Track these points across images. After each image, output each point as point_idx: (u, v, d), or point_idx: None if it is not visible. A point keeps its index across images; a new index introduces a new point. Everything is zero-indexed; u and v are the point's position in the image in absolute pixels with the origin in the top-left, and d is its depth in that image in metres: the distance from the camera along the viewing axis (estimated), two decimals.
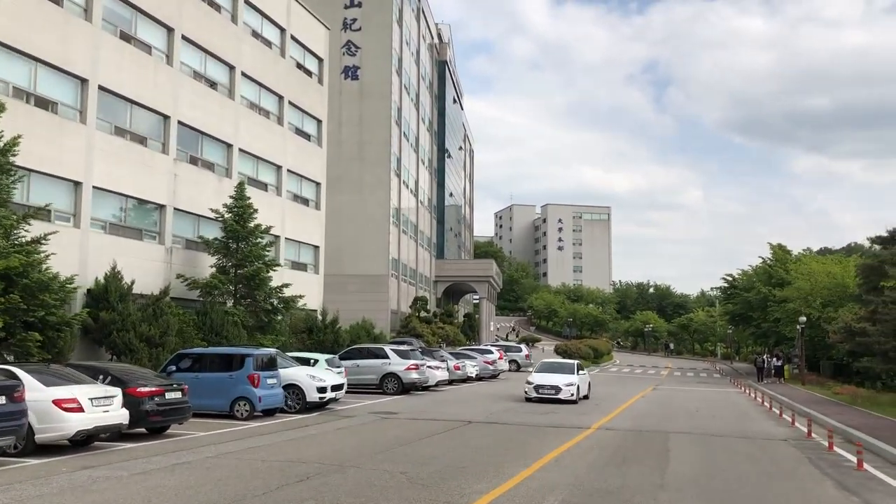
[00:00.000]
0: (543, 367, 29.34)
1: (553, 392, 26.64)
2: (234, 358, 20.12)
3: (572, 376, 27.68)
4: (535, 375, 28.06)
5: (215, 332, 27.93)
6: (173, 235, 30.40)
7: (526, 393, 27.12)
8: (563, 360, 31.39)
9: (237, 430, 17.71)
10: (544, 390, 26.74)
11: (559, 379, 27.30)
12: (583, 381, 28.78)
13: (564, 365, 29.51)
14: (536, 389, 26.85)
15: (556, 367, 29.15)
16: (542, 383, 27.01)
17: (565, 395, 26.66)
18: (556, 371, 28.41)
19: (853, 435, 18.77)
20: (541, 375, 27.88)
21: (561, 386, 26.81)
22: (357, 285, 55.59)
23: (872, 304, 32.10)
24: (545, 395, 26.70)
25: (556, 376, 27.56)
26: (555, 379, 27.29)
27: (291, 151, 39.33)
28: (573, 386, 27.05)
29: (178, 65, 30.73)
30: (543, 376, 27.66)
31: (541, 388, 26.83)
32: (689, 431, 20.05)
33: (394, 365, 28.84)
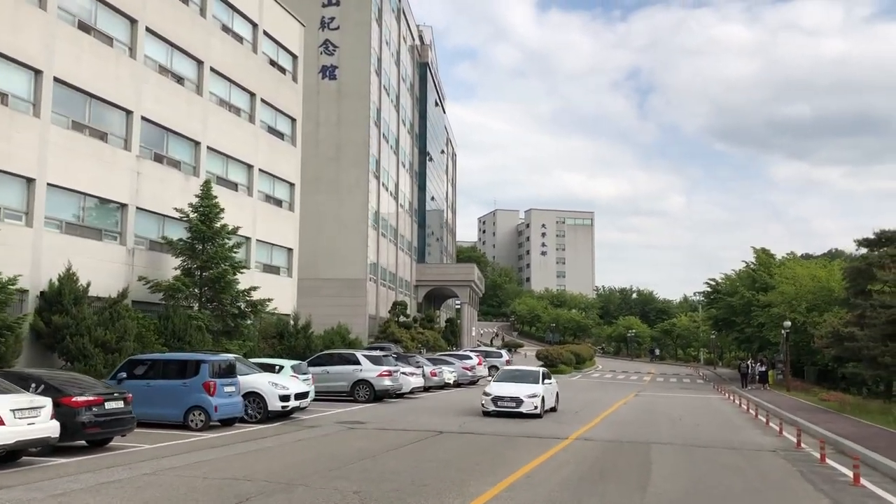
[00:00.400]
0: (504, 376, 25.83)
1: (513, 405, 23.29)
2: (189, 364, 18.85)
3: (536, 386, 24.25)
4: (493, 385, 24.65)
5: (178, 338, 26.65)
6: (136, 236, 29.09)
7: (483, 406, 23.84)
8: (526, 368, 27.46)
9: (187, 441, 16.44)
10: (503, 403, 23.41)
11: (521, 389, 23.82)
12: (549, 392, 25.26)
13: (528, 373, 25.80)
14: (495, 402, 23.54)
15: (519, 376, 25.46)
16: (501, 395, 23.63)
17: (527, 407, 23.31)
18: (518, 380, 24.86)
19: (845, 446, 17.75)
20: (500, 385, 24.42)
21: (522, 398, 23.38)
22: (334, 289, 54.30)
23: (860, 308, 31.18)
24: (504, 408, 23.35)
25: (517, 386, 24.09)
26: (516, 389, 23.82)
27: (264, 150, 38.06)
28: (536, 397, 23.62)
29: (141, 58, 29.43)
30: (503, 386, 24.23)
31: (499, 400, 23.51)
32: (672, 442, 18.96)
33: (365, 371, 27.60)
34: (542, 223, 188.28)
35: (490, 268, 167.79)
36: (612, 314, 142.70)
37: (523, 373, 25.96)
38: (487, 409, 23.54)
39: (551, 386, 26.00)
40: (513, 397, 23.43)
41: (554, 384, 26.66)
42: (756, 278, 58.73)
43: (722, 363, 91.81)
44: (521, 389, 23.80)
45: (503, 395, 23.57)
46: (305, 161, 53.87)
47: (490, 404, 23.57)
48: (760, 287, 56.54)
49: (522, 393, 23.57)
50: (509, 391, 23.73)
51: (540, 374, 25.47)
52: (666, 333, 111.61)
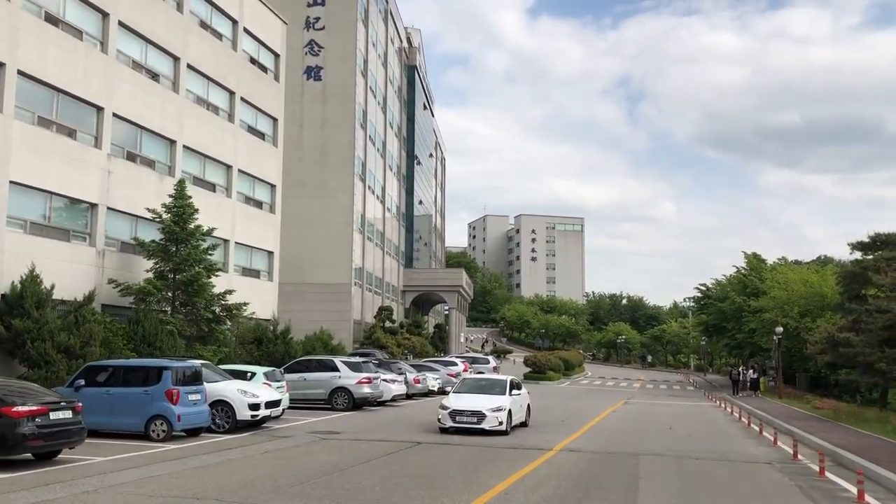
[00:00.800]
0: (465, 387, 22.63)
1: (475, 420, 20.19)
2: (150, 371, 17.76)
3: (501, 398, 21.06)
4: (451, 397, 21.50)
5: (148, 343, 25.53)
6: (107, 237, 27.98)
7: (440, 421, 20.64)
8: (491, 377, 24.70)
9: (145, 454, 15.36)
10: (463, 418, 20.30)
11: (483, 402, 20.73)
12: (517, 404, 22.02)
13: (493, 383, 22.68)
14: (452, 417, 20.43)
15: (482, 386, 22.31)
16: (460, 408, 20.51)
17: (490, 423, 20.19)
18: (481, 391, 21.77)
19: (845, 458, 16.81)
20: (460, 398, 21.28)
21: (485, 412, 20.25)
22: (318, 294, 53.23)
23: (855, 313, 30.30)
24: (464, 423, 20.27)
25: (479, 398, 21.01)
26: (477, 402, 20.71)
27: (243, 150, 36.98)
28: (501, 411, 20.45)
29: (114, 53, 28.36)
30: (463, 398, 21.16)
31: (458, 414, 20.40)
32: (662, 453, 17.97)
33: (344, 378, 26.53)
34: (532, 229, 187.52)
35: (480, 273, 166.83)
36: (601, 320, 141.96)
37: (488, 382, 22.93)
38: (444, 425, 20.50)
39: (520, 397, 22.66)
40: (473, 411, 20.32)
41: (524, 395, 23.33)
42: (747, 283, 57.92)
43: (712, 370, 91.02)
44: (484, 402, 20.74)
45: (462, 408, 20.49)
46: (289, 163, 52.84)
47: (447, 419, 20.51)
48: (752, 292, 55.72)
49: (485, 406, 20.48)
50: (470, 404, 20.63)
51: (507, 383, 22.21)
52: (656, 340, 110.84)
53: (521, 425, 22.48)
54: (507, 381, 22.51)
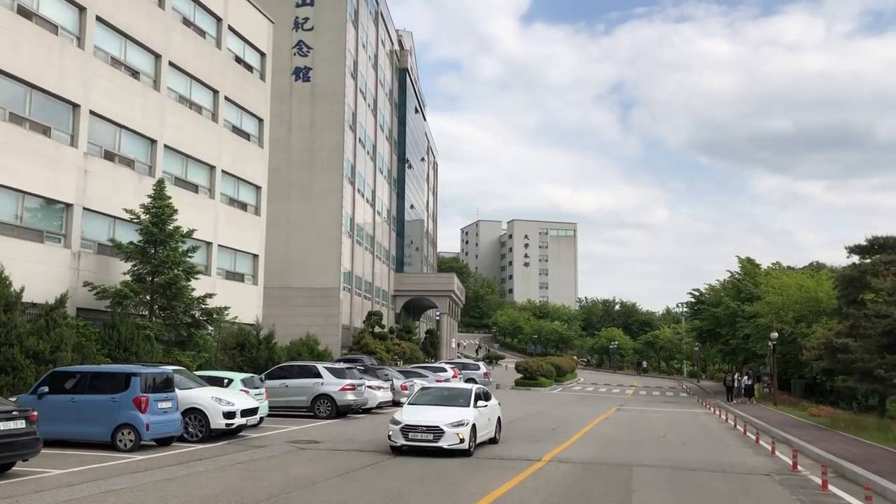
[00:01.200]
0: (422, 397, 19.51)
1: (430, 438, 16.95)
2: (118, 378, 16.86)
3: (464, 411, 17.81)
4: (405, 410, 18.31)
5: (124, 348, 24.65)
6: (83, 238, 27.11)
7: (390, 438, 17.33)
8: (455, 386, 21.35)
9: (108, 465, 14.47)
10: (417, 434, 17.06)
11: (442, 416, 17.46)
12: (484, 418, 18.79)
13: (456, 393, 19.37)
14: (405, 433, 17.15)
15: (444, 397, 19.18)
16: (413, 423, 17.23)
17: (450, 441, 16.92)
18: (441, 402, 18.64)
19: (847, 469, 16.00)
20: (414, 411, 18.08)
21: (443, 427, 16.97)
22: (306, 299, 52.37)
23: (853, 318, 29.55)
24: (418, 442, 17.04)
25: (437, 411, 17.81)
26: (436, 416, 17.48)
27: (227, 151, 36.12)
28: (463, 426, 17.14)
29: (90, 48, 27.52)
30: (418, 412, 17.95)
31: (411, 430, 17.12)
32: (656, 464, 17.14)
33: (327, 385, 25.62)
34: (525, 234, 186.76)
35: (472, 279, 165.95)
36: (594, 326, 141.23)
37: (449, 392, 19.63)
38: (395, 444, 17.20)
39: (488, 409, 19.37)
40: (429, 427, 17.04)
41: (493, 407, 20.05)
42: (741, 288, 57.22)
43: (705, 376, 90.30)
44: (443, 416, 17.46)
45: (416, 423, 17.19)
46: (277, 166, 52.08)
47: (398, 437, 17.18)
48: (746, 297, 55.02)
49: (444, 420, 17.21)
50: (426, 418, 17.35)
51: (471, 393, 18.90)
52: (649, 345, 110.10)
53: (490, 441, 19.46)
54: (472, 390, 19.27)
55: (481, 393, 19.62)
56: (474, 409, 18.17)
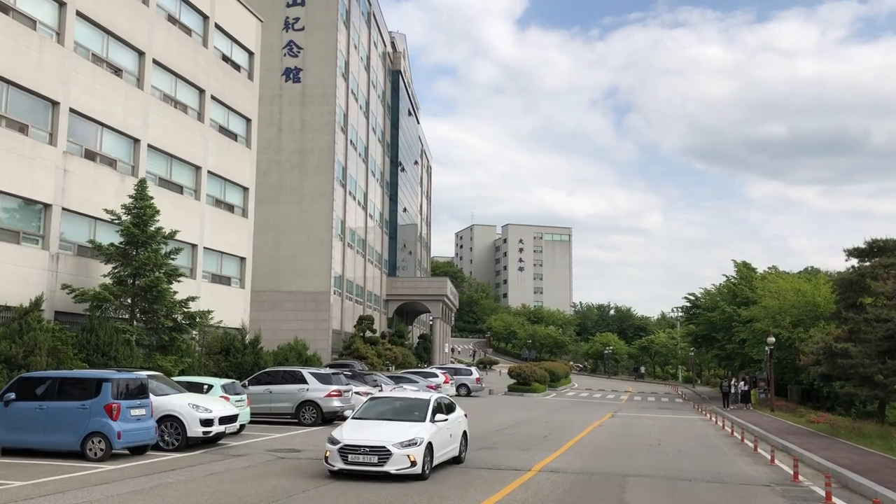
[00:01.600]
0: (371, 410, 16.22)
1: (374, 460, 14.07)
2: (88, 383, 16.10)
3: (418, 426, 14.91)
4: (346, 426, 15.21)
5: (102, 353, 23.84)
6: (62, 240, 26.29)
7: (327, 460, 14.45)
8: (409, 396, 17.51)
9: (74, 476, 13.71)
10: (358, 457, 14.14)
11: (391, 433, 14.56)
12: (444, 434, 15.76)
13: (411, 404, 16.17)
14: (344, 455, 14.23)
15: (396, 409, 16.09)
16: (354, 443, 14.28)
17: (398, 464, 14.04)
18: (392, 416, 15.69)
19: (851, 480, 15.29)
20: (357, 427, 15.07)
21: (391, 447, 14.09)
22: (296, 303, 51.60)
23: (852, 323, 28.88)
24: (360, 465, 14.15)
25: (386, 427, 14.93)
26: (382, 433, 14.59)
27: (214, 151, 35.34)
28: (416, 446, 14.24)
29: (70, 44, 26.73)
30: (363, 428, 14.98)
31: (351, 451, 14.19)
32: (651, 474, 16.41)
33: (312, 391, 24.85)
34: (520, 238, 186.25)
35: (467, 283, 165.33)
36: (589, 331, 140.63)
37: (403, 404, 16.32)
38: (333, 467, 14.32)
39: (450, 423, 16.16)
40: (374, 447, 14.13)
41: (457, 420, 16.90)
42: (737, 292, 56.59)
43: (701, 381, 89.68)
44: (392, 433, 14.55)
45: (358, 443, 14.25)
46: (267, 168, 51.38)
47: (336, 459, 14.26)
48: (742, 302, 54.38)
49: (392, 438, 14.30)
50: (370, 436, 14.42)
51: (429, 405, 15.87)
52: (644, 350, 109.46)
53: (454, 461, 16.53)
54: (430, 401, 16.12)
55: (442, 404, 16.51)
56: (431, 425, 15.17)
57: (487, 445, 20.63)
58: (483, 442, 21.45)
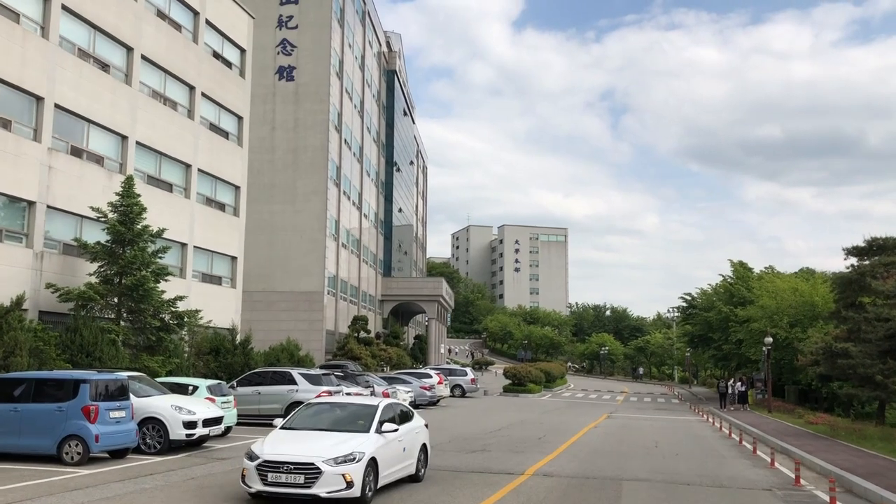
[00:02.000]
0: (303, 417, 13.60)
1: (300, 481, 11.55)
2: (65, 385, 15.58)
3: (360, 438, 12.39)
4: (271, 438, 12.59)
5: (87, 353, 23.28)
6: (46, 238, 25.72)
7: (244, 478, 11.97)
8: (354, 401, 14.66)
9: (47, 482, 13.17)
10: (281, 475, 11.61)
11: (323, 446, 12.01)
12: (394, 448, 13.10)
13: (354, 411, 13.64)
14: (263, 473, 11.69)
15: (334, 418, 13.50)
16: (278, 458, 11.71)
17: (330, 486, 11.51)
18: (329, 426, 13.14)
19: (854, 483, 14.80)
20: (285, 438, 12.54)
21: (321, 464, 11.52)
22: (289, 303, 51.05)
23: (851, 322, 28.42)
24: (281, 487, 11.61)
25: (318, 439, 12.40)
26: (312, 447, 12.00)
27: (204, 149, 34.79)
28: (353, 462, 11.69)
29: (55, 39, 26.16)
30: (290, 440, 12.43)
31: (272, 469, 11.64)
32: (648, 478, 15.91)
33: (302, 392, 24.29)
34: (516, 239, 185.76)
35: (463, 284, 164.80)
36: (585, 331, 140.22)
37: (346, 410, 13.71)
38: (251, 488, 11.78)
39: (402, 435, 13.51)
40: (300, 464, 11.50)
41: (414, 431, 14.22)
42: (734, 292, 56.12)
43: (697, 381, 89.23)
44: (323, 446, 11.91)
45: (281, 458, 11.60)
46: (260, 167, 50.82)
47: (254, 478, 11.73)
48: (738, 301, 53.92)
49: (323, 453, 11.66)
50: (296, 450, 11.79)
51: (376, 412, 13.24)
52: (640, 351, 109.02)
53: (410, 479, 13.97)
54: (378, 408, 13.41)
55: (395, 412, 13.87)
56: (377, 437, 12.58)
57: (479, 448, 20.12)
58: (475, 444, 20.95)
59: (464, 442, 21.51)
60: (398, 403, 14.83)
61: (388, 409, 13.74)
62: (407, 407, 15.15)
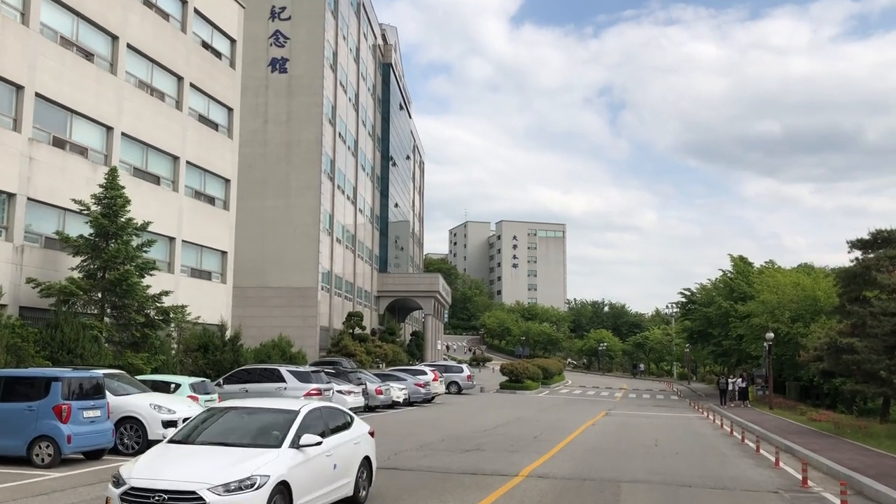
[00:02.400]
0: (199, 428, 10.47)
1: None
2: (37, 383, 14.82)
3: (266, 455, 9.44)
4: (150, 455, 9.73)
5: (68, 350, 22.53)
6: (27, 231, 24.99)
7: None
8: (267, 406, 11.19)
9: (11, 486, 12.43)
10: None
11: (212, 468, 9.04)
12: (320, 466, 10.14)
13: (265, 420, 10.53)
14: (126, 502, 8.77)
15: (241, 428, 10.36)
16: (150, 484, 8.80)
17: None
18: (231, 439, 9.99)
19: (865, 485, 14.05)
20: (167, 455, 9.64)
21: (205, 493, 8.60)
22: (282, 299, 50.28)
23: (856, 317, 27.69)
24: None
25: (209, 458, 9.38)
26: (198, 468, 9.07)
27: (193, 141, 34.01)
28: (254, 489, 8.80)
29: (36, 26, 25.41)
30: (172, 458, 9.51)
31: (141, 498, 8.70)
32: (648, 479, 15.18)
33: (290, 390, 23.57)
34: (514, 235, 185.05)
35: (460, 280, 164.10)
36: (583, 327, 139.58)
37: (255, 418, 10.61)
38: None
39: (334, 448, 10.61)
40: (177, 493, 8.68)
41: (352, 443, 11.26)
42: (734, 287, 55.42)
43: (696, 378, 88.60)
44: (212, 468, 9.07)
45: (152, 485, 8.80)
46: (252, 161, 50.02)
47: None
48: (739, 297, 53.22)
49: (209, 479, 8.83)
50: (174, 475, 8.94)
51: (294, 421, 10.23)
52: (638, 347, 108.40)
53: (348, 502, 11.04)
54: (299, 414, 10.36)
55: (324, 420, 10.81)
56: (293, 453, 9.59)
57: (473, 447, 19.39)
58: (468, 443, 20.22)
59: (457, 441, 20.79)
60: (333, 408, 11.83)
61: (312, 416, 10.52)
62: (344, 412, 11.97)
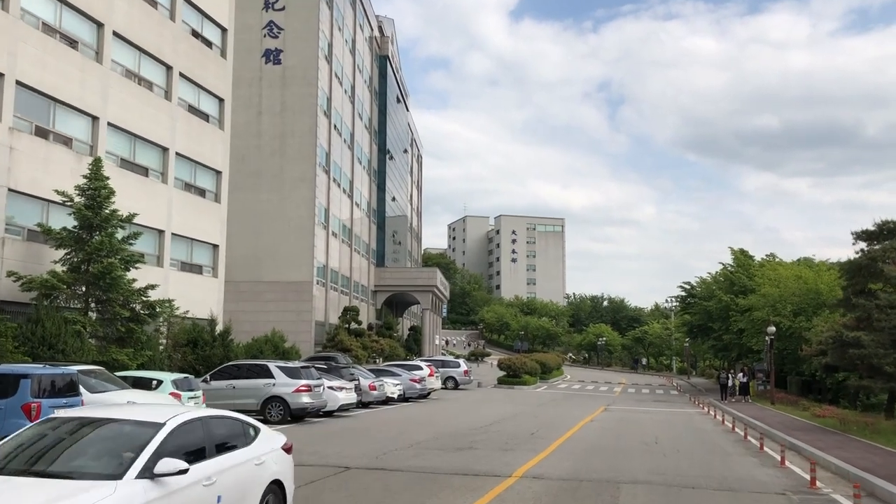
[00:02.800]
0: (20, 448, 6.98)
1: None
2: (4, 380, 14.10)
3: (99, 490, 6.07)
4: None
5: (49, 345, 21.80)
6: (8, 224, 24.24)
7: None
8: (120, 417, 7.36)
9: None
10: None
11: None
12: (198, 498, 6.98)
13: (111, 438, 7.09)
14: None
15: (72, 450, 7.01)
16: None
17: None
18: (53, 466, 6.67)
19: (878, 487, 13.35)
20: None
21: None
22: (277, 294, 49.57)
23: (861, 310, 26.96)
24: None
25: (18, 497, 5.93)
26: None
27: (182, 131, 33.25)
28: None
29: (17, 11, 24.62)
30: None
31: None
32: (648, 480, 14.46)
33: (279, 386, 22.87)
34: (513, 229, 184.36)
35: (459, 275, 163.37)
36: (582, 322, 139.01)
37: (99, 435, 7.21)
38: None
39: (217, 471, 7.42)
40: None
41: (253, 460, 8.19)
42: (734, 281, 54.71)
43: (696, 372, 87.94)
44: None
45: None
46: (246, 153, 49.29)
47: None
48: (739, 290, 52.51)
49: None
50: None
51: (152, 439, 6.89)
52: (637, 341, 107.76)
53: None
54: (162, 429, 7.10)
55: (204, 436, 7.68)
56: (142, 486, 6.47)
57: (466, 445, 18.68)
58: (462, 441, 19.51)
59: (449, 439, 20.07)
60: (224, 417, 8.47)
61: (185, 430, 7.40)
62: (243, 421, 8.75)
